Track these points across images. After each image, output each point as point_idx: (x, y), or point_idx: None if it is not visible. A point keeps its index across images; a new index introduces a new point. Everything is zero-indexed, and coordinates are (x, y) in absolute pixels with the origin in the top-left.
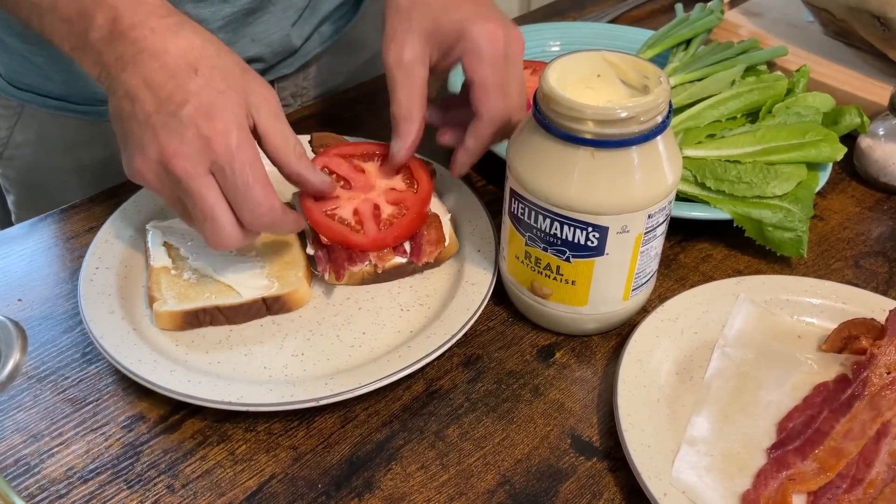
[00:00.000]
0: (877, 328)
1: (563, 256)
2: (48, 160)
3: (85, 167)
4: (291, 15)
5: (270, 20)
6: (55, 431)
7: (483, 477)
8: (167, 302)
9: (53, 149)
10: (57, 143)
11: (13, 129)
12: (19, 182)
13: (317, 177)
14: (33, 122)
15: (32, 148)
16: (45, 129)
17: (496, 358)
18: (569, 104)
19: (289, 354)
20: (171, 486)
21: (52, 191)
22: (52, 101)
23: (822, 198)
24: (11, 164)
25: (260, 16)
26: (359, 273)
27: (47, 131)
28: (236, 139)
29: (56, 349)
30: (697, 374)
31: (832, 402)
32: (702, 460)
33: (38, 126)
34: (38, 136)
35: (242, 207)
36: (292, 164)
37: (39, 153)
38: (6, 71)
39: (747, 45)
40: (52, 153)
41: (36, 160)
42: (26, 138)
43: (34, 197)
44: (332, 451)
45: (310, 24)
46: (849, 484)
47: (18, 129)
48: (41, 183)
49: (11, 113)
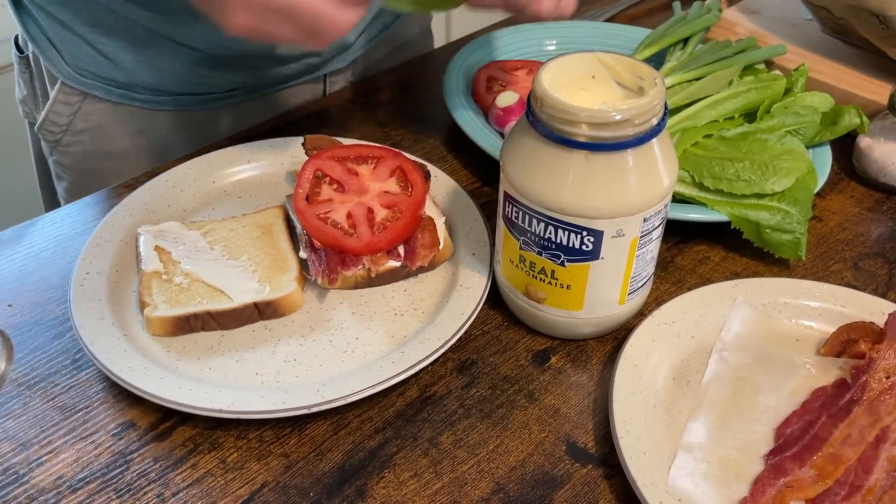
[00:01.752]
0: (876, 332)
1: (558, 260)
2: (106, 147)
3: (141, 155)
4: None
5: None
6: (44, 440)
7: (477, 485)
8: (158, 307)
9: (112, 136)
10: (116, 130)
11: (74, 117)
12: (75, 169)
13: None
14: (94, 109)
15: (91, 135)
16: (107, 116)
17: (491, 363)
18: (562, 107)
19: (281, 360)
20: (161, 495)
21: (107, 177)
22: (116, 90)
23: (820, 198)
24: (68, 151)
25: None
26: (352, 277)
27: (107, 119)
28: None
29: (46, 355)
30: (694, 379)
31: (831, 407)
32: (698, 467)
33: (99, 114)
34: (98, 124)
35: None
36: None
37: (97, 140)
38: (71, 59)
39: (745, 44)
40: (111, 140)
41: (93, 148)
42: (86, 125)
43: (89, 183)
44: (324, 459)
45: (364, 18)
46: (847, 491)
47: (80, 117)
48: (96, 170)
49: (74, 100)
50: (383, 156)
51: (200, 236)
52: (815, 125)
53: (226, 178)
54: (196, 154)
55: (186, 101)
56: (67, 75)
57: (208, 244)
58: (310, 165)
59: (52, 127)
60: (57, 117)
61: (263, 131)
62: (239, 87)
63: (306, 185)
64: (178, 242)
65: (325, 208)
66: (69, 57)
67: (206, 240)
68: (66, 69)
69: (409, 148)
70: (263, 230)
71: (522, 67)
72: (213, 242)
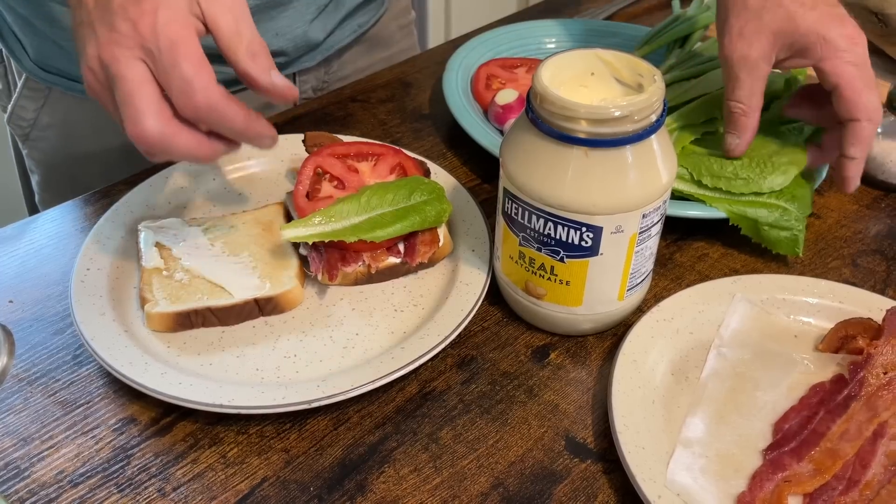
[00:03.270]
0: (874, 328)
1: (557, 257)
2: (72, 144)
3: (109, 152)
4: (313, 10)
5: (293, 14)
6: (45, 435)
7: (476, 480)
8: (159, 303)
9: (78, 133)
10: (82, 127)
11: (40, 112)
12: (44, 163)
13: (269, 77)
14: (60, 105)
15: (57, 131)
16: (71, 112)
17: (490, 359)
18: (562, 103)
19: (281, 356)
20: (162, 490)
21: (75, 174)
22: (79, 85)
23: (819, 195)
24: (37, 146)
25: (283, 10)
26: (352, 273)
27: (73, 115)
28: (163, 18)
29: (47, 351)
30: (693, 375)
31: (828, 403)
32: (697, 462)
33: (65, 110)
34: (63, 119)
35: (171, 88)
36: (241, 62)
37: (64, 137)
38: (35, 54)
39: None
40: (77, 137)
41: (60, 143)
42: (52, 121)
43: (57, 179)
44: (324, 454)
45: (333, 18)
46: (845, 486)
47: (45, 112)
48: (65, 166)
49: (39, 95)
50: (383, 153)
51: (201, 233)
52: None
53: (226, 174)
54: None
55: None
56: (31, 70)
57: (209, 241)
58: (310, 162)
59: (20, 121)
60: (23, 111)
61: None
62: None
63: (307, 181)
64: (179, 239)
65: (326, 205)
66: (32, 52)
67: (206, 236)
68: (29, 64)
69: (408, 145)
70: (264, 227)
71: (522, 65)
72: (214, 239)
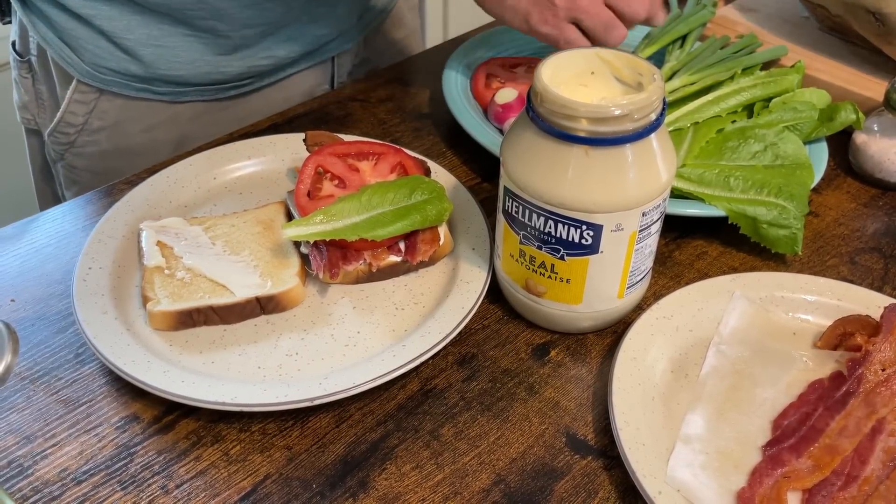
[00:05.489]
0: (872, 325)
1: (558, 255)
2: (123, 144)
3: (159, 148)
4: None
5: None
6: (48, 433)
7: (478, 476)
8: (161, 302)
9: (129, 132)
10: (134, 126)
11: (90, 115)
12: (89, 170)
13: None
14: (112, 106)
15: (108, 133)
16: (124, 112)
17: (491, 356)
18: (562, 102)
19: (283, 354)
20: (165, 487)
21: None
22: (136, 85)
23: (817, 194)
24: (83, 152)
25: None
26: (353, 272)
27: (125, 114)
28: None
29: (49, 350)
30: (692, 372)
31: (827, 400)
32: (697, 458)
33: (117, 111)
34: (115, 120)
35: None
36: None
37: (115, 138)
38: (89, 56)
39: (746, 41)
40: (128, 136)
41: (110, 145)
42: (103, 124)
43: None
44: (326, 451)
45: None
46: (844, 481)
47: (95, 115)
48: (113, 168)
49: (90, 98)
50: (384, 152)
51: (202, 232)
52: (812, 121)
53: (227, 174)
54: (203, 148)
55: (204, 92)
56: (84, 73)
57: (210, 239)
58: (311, 161)
59: (67, 129)
60: (72, 118)
61: (264, 128)
62: (254, 75)
63: (308, 180)
64: (180, 238)
65: (327, 204)
66: (86, 54)
67: (207, 235)
68: (82, 67)
69: (409, 144)
70: (265, 226)
71: (521, 64)
72: (215, 238)
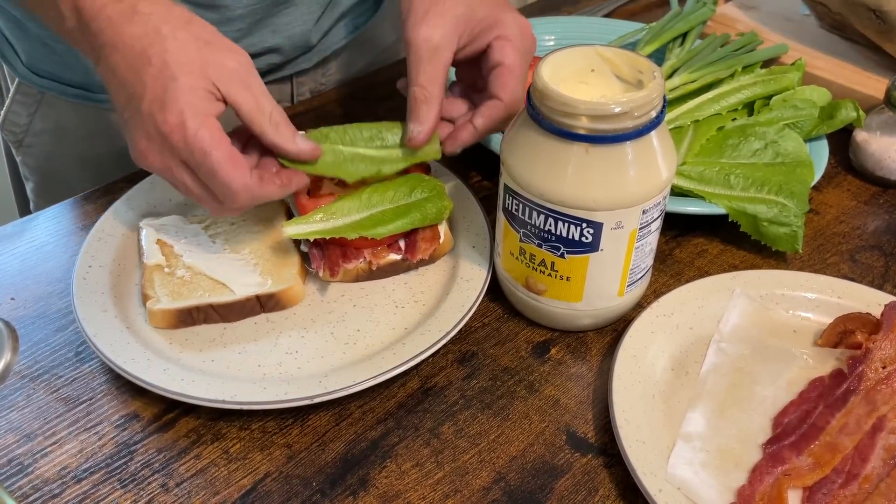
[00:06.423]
0: (872, 323)
1: (558, 252)
2: (66, 149)
3: (102, 156)
4: (316, 10)
5: (295, 13)
6: (48, 431)
7: (478, 474)
8: (161, 300)
9: (72, 138)
10: (75, 131)
11: (33, 117)
12: (38, 170)
13: (295, 145)
14: (52, 110)
15: (51, 136)
16: (64, 117)
17: (491, 354)
18: (562, 99)
19: (283, 352)
20: (165, 485)
21: (69, 179)
22: (71, 90)
23: (817, 192)
24: (31, 152)
25: (286, 7)
26: (353, 270)
27: (66, 120)
28: (191, 129)
29: (49, 348)
30: (693, 370)
31: (827, 397)
32: (697, 456)
33: (57, 114)
34: (56, 124)
35: (216, 192)
36: (268, 134)
37: (58, 141)
38: (27, 58)
39: (747, 39)
40: (71, 142)
41: (54, 148)
42: (45, 126)
43: (52, 185)
44: (326, 449)
45: (329, 19)
46: (844, 479)
47: (38, 117)
48: (59, 171)
49: (32, 100)
50: None
51: (202, 230)
52: (813, 119)
53: None
54: None
55: None
56: (24, 75)
57: (210, 238)
58: None
59: (13, 127)
60: (16, 117)
61: None
62: None
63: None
64: (180, 236)
65: (327, 202)
66: (25, 56)
67: (207, 233)
68: (22, 68)
69: None
70: (265, 224)
71: None
72: (215, 236)
